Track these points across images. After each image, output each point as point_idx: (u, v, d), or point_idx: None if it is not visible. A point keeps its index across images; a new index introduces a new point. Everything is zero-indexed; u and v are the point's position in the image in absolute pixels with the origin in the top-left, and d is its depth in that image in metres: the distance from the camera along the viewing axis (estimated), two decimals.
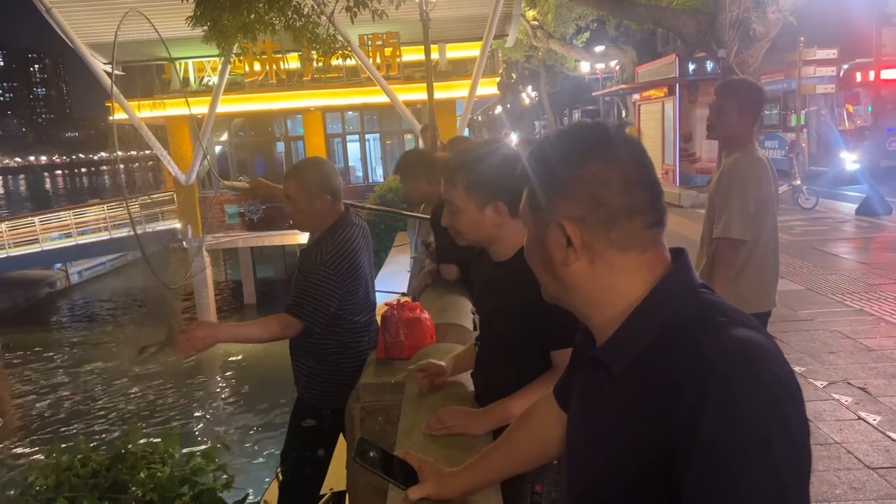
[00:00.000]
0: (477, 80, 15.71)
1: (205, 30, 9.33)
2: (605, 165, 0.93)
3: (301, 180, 2.77)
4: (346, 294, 2.78)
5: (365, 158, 21.62)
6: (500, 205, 1.76)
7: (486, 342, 1.89)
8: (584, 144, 0.96)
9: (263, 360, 14.75)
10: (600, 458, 0.94)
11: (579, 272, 0.96)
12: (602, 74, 28.88)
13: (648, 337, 0.90)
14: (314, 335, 2.80)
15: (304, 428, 2.90)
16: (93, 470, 1.88)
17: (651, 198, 0.94)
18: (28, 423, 13.03)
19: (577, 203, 0.93)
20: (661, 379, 0.85)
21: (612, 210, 0.92)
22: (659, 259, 0.95)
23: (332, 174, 2.83)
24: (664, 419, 0.82)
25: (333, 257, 2.72)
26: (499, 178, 1.76)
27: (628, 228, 0.93)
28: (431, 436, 1.66)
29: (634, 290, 0.94)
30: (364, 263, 2.86)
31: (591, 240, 0.93)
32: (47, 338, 18.45)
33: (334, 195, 2.79)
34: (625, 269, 0.94)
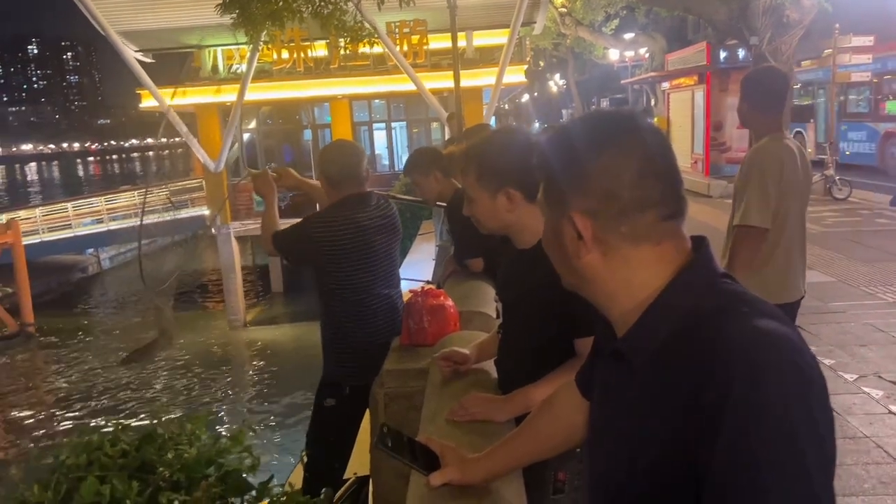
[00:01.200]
0: (504, 68, 15.60)
1: (233, 17, 9.37)
2: (617, 158, 0.92)
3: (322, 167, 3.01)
4: (349, 261, 2.87)
5: (391, 146, 21.64)
6: (511, 192, 1.76)
7: (509, 330, 1.89)
8: (597, 136, 0.95)
9: (293, 345, 14.91)
10: (622, 450, 0.93)
11: (593, 265, 0.95)
12: (631, 62, 28.53)
13: (668, 328, 0.89)
14: (329, 303, 2.94)
15: (325, 408, 2.95)
16: (122, 450, 1.91)
17: (666, 189, 0.93)
18: (58, 404, 13.31)
19: (589, 196, 0.92)
20: (682, 370, 0.84)
21: (624, 203, 0.91)
22: (677, 250, 0.94)
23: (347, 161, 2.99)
24: (686, 410, 0.82)
25: (323, 218, 2.90)
26: (509, 164, 1.76)
27: (640, 222, 0.91)
28: (454, 422, 1.67)
29: (652, 281, 0.93)
30: (376, 240, 2.94)
31: (603, 233, 0.93)
32: (79, 321, 18.80)
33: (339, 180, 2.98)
34: (640, 261, 0.93)
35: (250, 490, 1.90)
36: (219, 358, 15.21)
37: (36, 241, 20.08)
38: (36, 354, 16.48)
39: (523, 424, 1.37)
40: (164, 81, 18.42)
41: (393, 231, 3.07)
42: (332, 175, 2.95)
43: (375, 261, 2.95)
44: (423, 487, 1.36)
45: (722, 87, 17.44)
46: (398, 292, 3.15)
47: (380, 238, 2.96)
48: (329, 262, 2.86)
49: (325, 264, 2.88)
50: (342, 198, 2.93)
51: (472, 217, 1.86)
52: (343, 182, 2.93)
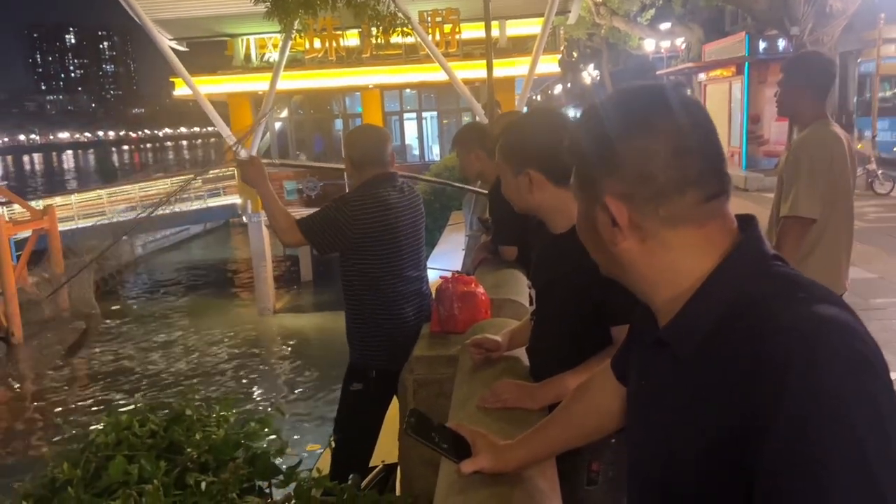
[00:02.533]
0: (537, 58, 15.42)
1: (267, 5, 9.38)
2: (651, 136, 0.85)
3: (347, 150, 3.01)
4: (376, 240, 2.84)
5: (422, 137, 21.62)
6: (532, 173, 1.73)
7: (542, 317, 1.84)
8: (627, 114, 0.88)
9: (321, 334, 15.00)
10: (661, 442, 0.88)
11: (631, 251, 0.89)
12: (667, 53, 28.12)
13: (716, 315, 0.83)
14: (355, 286, 2.90)
15: (351, 392, 2.94)
16: (151, 430, 1.91)
17: (706, 167, 0.86)
18: (88, 387, 13.55)
19: (623, 179, 0.86)
20: (732, 360, 0.78)
21: (660, 185, 0.84)
22: (723, 232, 0.87)
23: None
24: (736, 402, 0.76)
25: (351, 198, 2.85)
26: (533, 146, 1.73)
27: (679, 204, 0.85)
28: (485, 409, 1.62)
29: (696, 267, 0.86)
30: (402, 220, 2.92)
31: (640, 218, 0.87)
32: (112, 307, 19.09)
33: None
34: (682, 246, 0.87)
35: (277, 474, 1.89)
36: (248, 344, 15.36)
37: (71, 227, 20.43)
38: (69, 339, 16.78)
39: (557, 411, 1.34)
40: (197, 70, 18.58)
41: (418, 212, 3.06)
42: (356, 157, 2.96)
43: (403, 241, 2.93)
44: (453, 475, 1.32)
45: (761, 79, 17.11)
46: (425, 277, 3.13)
47: (406, 218, 2.95)
48: (357, 242, 2.83)
49: (353, 245, 2.84)
50: (368, 178, 2.93)
51: (505, 195, 1.85)
52: (367, 164, 2.94)
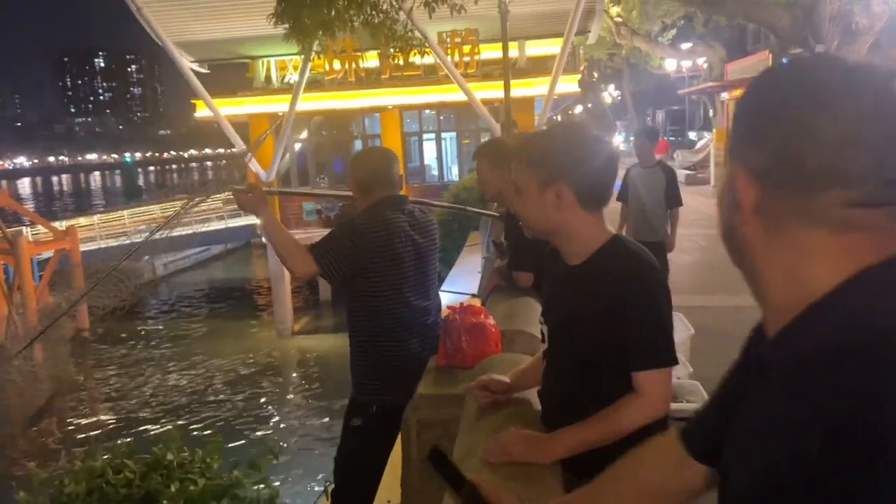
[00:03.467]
0: (557, 77, 15.36)
1: (286, 27, 9.38)
2: (820, 112, 0.69)
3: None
4: (380, 269, 2.69)
5: (440, 157, 21.57)
6: (562, 188, 1.52)
7: (555, 358, 1.65)
8: (802, 83, 0.72)
9: (338, 356, 14.85)
10: (740, 471, 0.74)
11: (750, 237, 0.77)
12: (688, 73, 27.91)
13: (827, 340, 0.67)
14: (359, 314, 2.75)
15: (351, 428, 2.78)
16: (126, 479, 1.75)
17: (870, 168, 0.68)
18: (103, 409, 13.49)
19: (764, 151, 0.72)
20: (834, 393, 0.63)
21: (805, 171, 0.69)
22: (867, 247, 0.69)
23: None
24: (827, 439, 0.61)
25: (359, 221, 2.72)
26: (566, 157, 1.53)
27: (818, 200, 0.70)
28: (490, 463, 1.44)
29: (819, 278, 0.71)
30: (411, 245, 2.77)
31: (770, 203, 0.73)
32: (132, 327, 19.13)
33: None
34: (809, 250, 0.71)
35: None
36: (265, 367, 15.26)
37: (93, 247, 20.57)
38: (88, 359, 16.81)
39: (599, 484, 1.13)
40: (218, 92, 18.73)
41: (429, 238, 2.90)
42: (362, 180, 2.84)
43: (408, 268, 2.77)
44: None
45: None
46: (434, 307, 2.95)
47: (414, 244, 2.80)
48: (364, 267, 2.68)
49: (360, 270, 2.69)
50: (375, 201, 2.80)
51: (518, 213, 1.65)
52: (374, 187, 2.81)
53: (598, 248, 1.54)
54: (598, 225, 1.56)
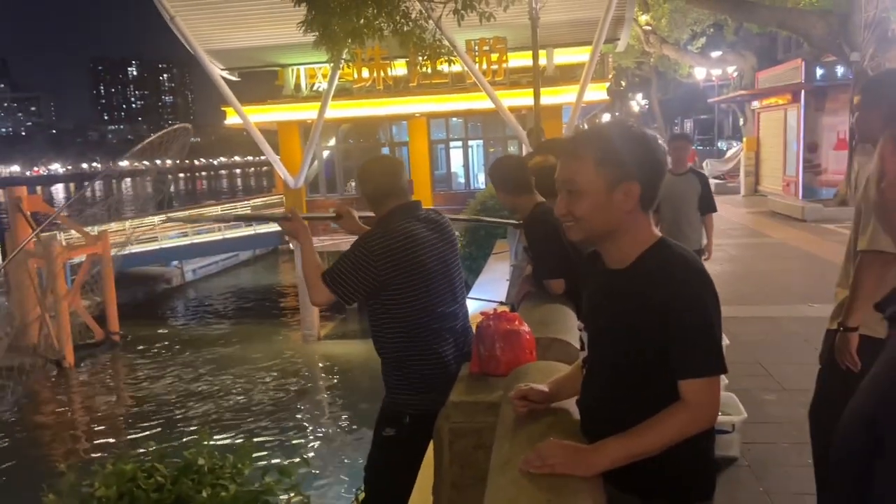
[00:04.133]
0: (585, 85, 15.28)
1: (315, 35, 9.44)
2: None
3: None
4: (405, 281, 2.64)
5: (467, 165, 21.55)
6: (634, 186, 1.47)
7: (596, 364, 1.60)
8: None
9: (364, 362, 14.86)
10: None
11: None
12: (718, 81, 27.61)
13: None
14: (386, 325, 2.70)
15: (384, 438, 2.72)
16: (157, 483, 1.73)
17: None
18: (132, 412, 13.61)
19: None
20: None
21: None
22: None
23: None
24: None
25: (373, 235, 2.67)
26: (634, 155, 1.48)
27: None
28: (529, 474, 1.39)
29: None
30: (430, 251, 2.72)
31: None
32: (161, 331, 19.35)
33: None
34: None
35: None
36: (291, 372, 15.32)
37: (125, 252, 20.83)
38: (118, 362, 17.01)
39: None
40: (248, 100, 18.93)
41: (447, 242, 2.85)
42: (371, 193, 2.81)
43: (434, 276, 2.72)
44: None
45: (818, 107, 16.54)
46: (462, 312, 2.89)
47: (435, 250, 2.76)
48: (385, 280, 2.64)
49: (383, 283, 2.65)
50: (388, 211, 2.77)
51: (569, 216, 1.53)
52: (383, 198, 2.78)
53: (645, 251, 1.49)
54: (649, 226, 1.52)
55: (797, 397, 4.52)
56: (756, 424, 4.08)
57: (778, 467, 3.69)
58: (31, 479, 10.69)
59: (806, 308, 7.02)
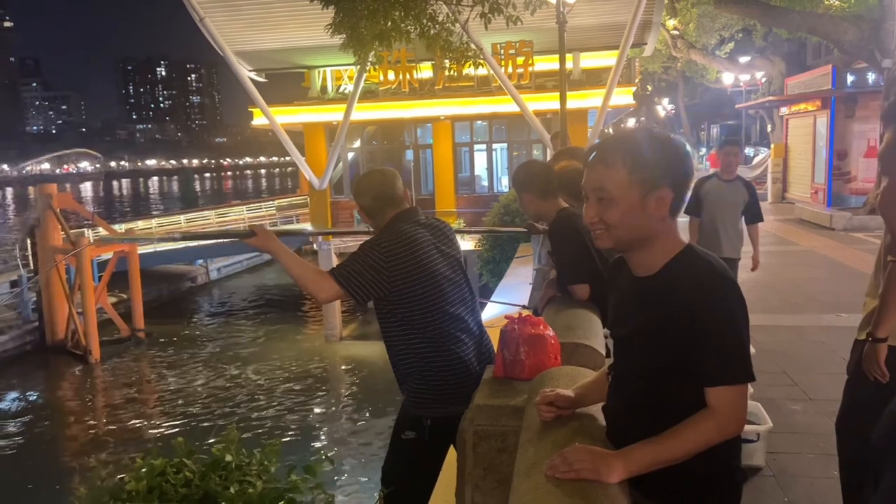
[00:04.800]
0: (611, 90, 15.20)
1: (343, 38, 9.51)
2: None
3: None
4: (413, 284, 2.65)
5: (491, 168, 21.55)
6: (667, 192, 1.47)
7: (622, 371, 1.60)
8: None
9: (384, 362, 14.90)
10: None
11: None
12: (746, 87, 27.34)
13: None
14: (401, 331, 2.71)
15: (403, 440, 2.73)
16: (185, 478, 1.76)
17: None
18: (155, 409, 13.77)
19: None
20: None
21: None
22: None
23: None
24: None
25: (379, 240, 2.69)
26: (666, 161, 1.48)
27: None
28: (554, 479, 1.39)
29: None
30: (435, 254, 2.74)
31: None
32: (186, 329, 19.57)
33: None
34: None
35: None
36: (312, 371, 15.41)
37: (150, 250, 21.12)
38: (143, 359, 17.22)
39: None
40: (275, 101, 19.09)
41: (451, 245, 2.86)
42: (368, 206, 2.84)
43: (440, 278, 2.73)
44: None
45: (848, 113, 16.31)
46: (476, 314, 2.90)
47: (439, 253, 2.77)
48: (394, 285, 2.65)
49: (391, 288, 2.66)
50: (388, 220, 2.79)
51: (600, 223, 1.52)
52: (380, 209, 2.81)
53: (673, 258, 1.49)
54: (677, 233, 1.52)
55: (823, 408, 4.47)
56: (781, 434, 4.04)
57: (803, 478, 3.64)
58: (60, 470, 10.96)
59: (833, 318, 6.93)
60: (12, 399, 14.76)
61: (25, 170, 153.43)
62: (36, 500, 9.07)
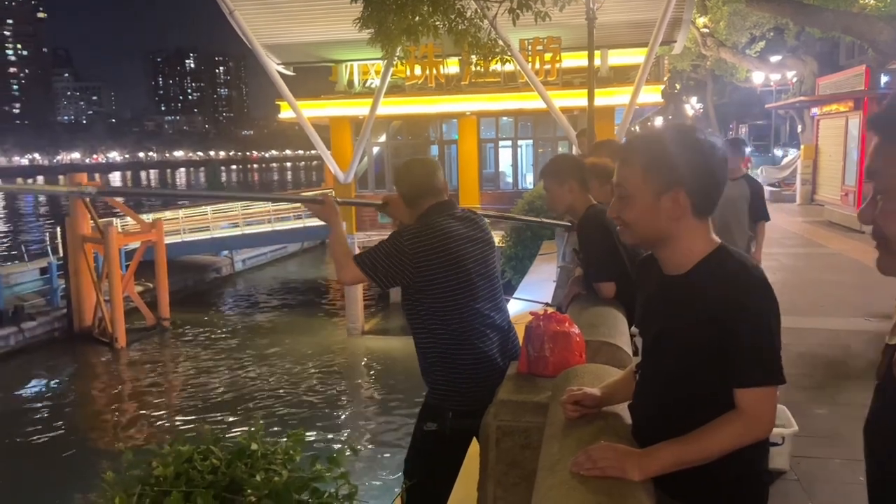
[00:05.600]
0: (639, 87, 15.09)
1: (370, 32, 9.51)
2: None
3: None
4: (442, 277, 2.66)
5: (516, 165, 21.49)
6: (681, 194, 1.46)
7: (650, 370, 1.59)
8: None
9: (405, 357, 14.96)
10: None
11: None
12: (776, 86, 26.94)
13: None
14: (426, 323, 2.72)
15: (425, 432, 2.75)
16: (212, 465, 1.79)
17: None
18: (177, 397, 13.96)
19: None
20: None
21: None
22: None
23: None
24: None
25: (411, 230, 2.73)
26: (684, 162, 1.46)
27: None
28: (579, 475, 1.39)
29: None
30: (468, 249, 2.75)
31: None
32: (209, 319, 19.79)
33: None
34: None
35: None
36: (334, 365, 15.52)
37: (177, 240, 21.37)
38: (167, 347, 17.45)
39: None
40: (302, 95, 19.19)
41: (485, 240, 2.87)
42: (407, 194, 2.87)
43: (472, 272, 2.73)
44: None
45: None
46: (504, 310, 2.90)
47: (472, 247, 2.78)
48: (421, 276, 2.66)
49: (417, 279, 2.67)
50: (424, 210, 2.81)
51: (618, 220, 1.55)
52: (419, 198, 2.83)
53: (704, 258, 1.47)
54: (706, 233, 1.50)
55: (850, 412, 4.41)
56: (807, 438, 3.99)
57: (828, 483, 3.60)
58: (86, 453, 11.17)
59: (862, 322, 6.82)
60: (41, 383, 15.07)
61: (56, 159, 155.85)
62: (64, 482, 9.25)
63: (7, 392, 14.21)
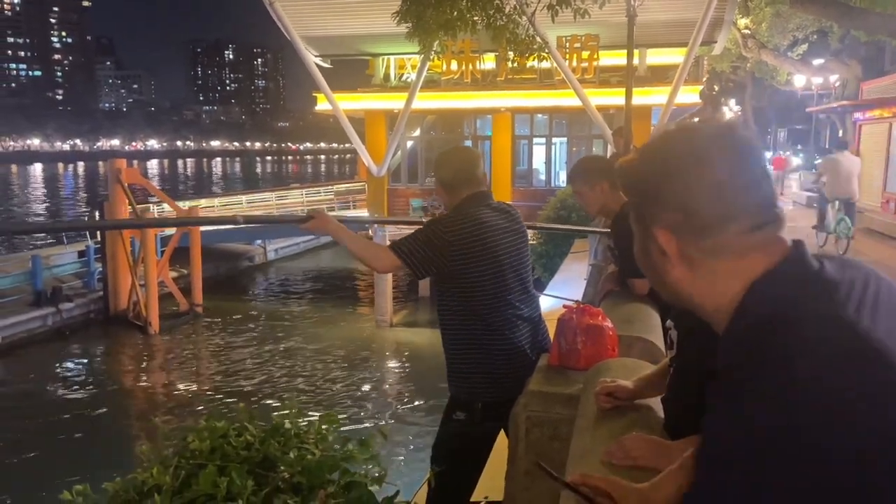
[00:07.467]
0: (678, 87, 14.91)
1: (409, 26, 9.54)
2: (694, 173, 0.92)
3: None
4: (476, 267, 2.66)
5: (549, 162, 21.38)
6: None
7: (683, 365, 1.58)
8: (677, 151, 0.95)
9: (433, 350, 15.01)
10: None
11: (681, 279, 0.96)
12: (818, 90, 26.40)
13: (742, 335, 0.87)
14: (457, 313, 2.73)
15: (454, 421, 2.76)
16: (246, 441, 1.82)
17: (751, 202, 0.91)
18: (208, 382, 14.16)
19: (670, 213, 0.93)
20: (741, 378, 0.83)
21: (704, 219, 0.91)
22: (765, 259, 0.90)
23: None
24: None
25: (447, 219, 2.74)
26: None
27: (722, 236, 0.91)
28: (611, 465, 1.40)
29: (734, 291, 0.91)
30: (502, 241, 2.75)
31: (686, 248, 0.93)
32: (241, 306, 20.04)
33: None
34: (725, 273, 0.92)
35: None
36: (362, 356, 15.62)
37: (212, 228, 21.67)
38: (200, 332, 17.72)
39: None
40: (338, 87, 19.33)
41: (519, 233, 2.87)
42: (447, 179, 2.85)
43: (505, 263, 2.74)
44: None
45: None
46: (535, 303, 2.91)
47: (507, 238, 2.78)
48: (455, 265, 2.67)
49: (451, 268, 2.68)
50: (461, 199, 2.81)
51: None
52: (459, 185, 2.82)
53: None
54: None
55: None
56: None
57: None
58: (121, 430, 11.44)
59: None
60: (78, 364, 15.41)
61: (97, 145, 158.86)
62: (100, 457, 9.43)
63: (45, 370, 14.56)
